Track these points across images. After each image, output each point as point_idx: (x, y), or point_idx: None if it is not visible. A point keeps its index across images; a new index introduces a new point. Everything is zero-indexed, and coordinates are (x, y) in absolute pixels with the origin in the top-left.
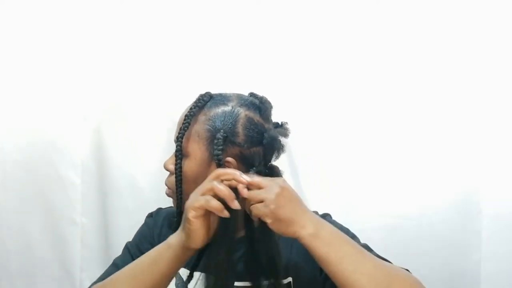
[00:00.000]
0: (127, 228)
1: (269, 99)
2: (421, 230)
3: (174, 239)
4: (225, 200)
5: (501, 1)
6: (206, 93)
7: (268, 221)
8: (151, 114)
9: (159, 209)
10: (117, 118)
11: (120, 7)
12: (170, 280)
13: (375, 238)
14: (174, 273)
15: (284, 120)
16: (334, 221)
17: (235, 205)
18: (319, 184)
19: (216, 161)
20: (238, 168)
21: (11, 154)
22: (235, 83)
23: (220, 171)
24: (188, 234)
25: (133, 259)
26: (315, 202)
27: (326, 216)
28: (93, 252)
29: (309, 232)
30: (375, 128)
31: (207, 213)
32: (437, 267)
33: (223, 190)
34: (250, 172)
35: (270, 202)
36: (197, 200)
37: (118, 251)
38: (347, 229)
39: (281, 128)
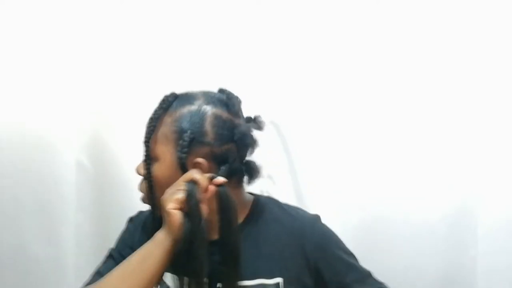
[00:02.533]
0: (122, 227)
1: (270, 98)
2: (419, 227)
3: (161, 233)
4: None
5: (501, 1)
6: (171, 93)
7: None
8: (147, 112)
9: (140, 212)
10: (112, 116)
11: (119, 7)
12: (160, 277)
13: (372, 235)
14: (163, 269)
15: (257, 114)
16: (328, 229)
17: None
18: (319, 184)
19: (180, 164)
20: (210, 167)
21: (5, 152)
22: (237, 82)
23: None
24: (169, 226)
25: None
26: (315, 202)
27: (316, 218)
28: (88, 251)
29: None
30: (375, 129)
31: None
32: (434, 263)
33: (202, 178)
34: (220, 171)
35: None
36: (174, 193)
37: None
38: (347, 249)
39: (253, 122)
